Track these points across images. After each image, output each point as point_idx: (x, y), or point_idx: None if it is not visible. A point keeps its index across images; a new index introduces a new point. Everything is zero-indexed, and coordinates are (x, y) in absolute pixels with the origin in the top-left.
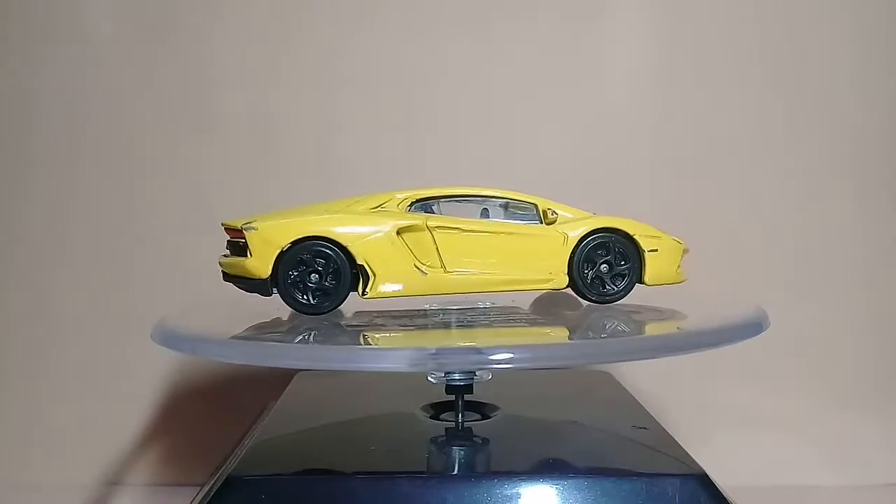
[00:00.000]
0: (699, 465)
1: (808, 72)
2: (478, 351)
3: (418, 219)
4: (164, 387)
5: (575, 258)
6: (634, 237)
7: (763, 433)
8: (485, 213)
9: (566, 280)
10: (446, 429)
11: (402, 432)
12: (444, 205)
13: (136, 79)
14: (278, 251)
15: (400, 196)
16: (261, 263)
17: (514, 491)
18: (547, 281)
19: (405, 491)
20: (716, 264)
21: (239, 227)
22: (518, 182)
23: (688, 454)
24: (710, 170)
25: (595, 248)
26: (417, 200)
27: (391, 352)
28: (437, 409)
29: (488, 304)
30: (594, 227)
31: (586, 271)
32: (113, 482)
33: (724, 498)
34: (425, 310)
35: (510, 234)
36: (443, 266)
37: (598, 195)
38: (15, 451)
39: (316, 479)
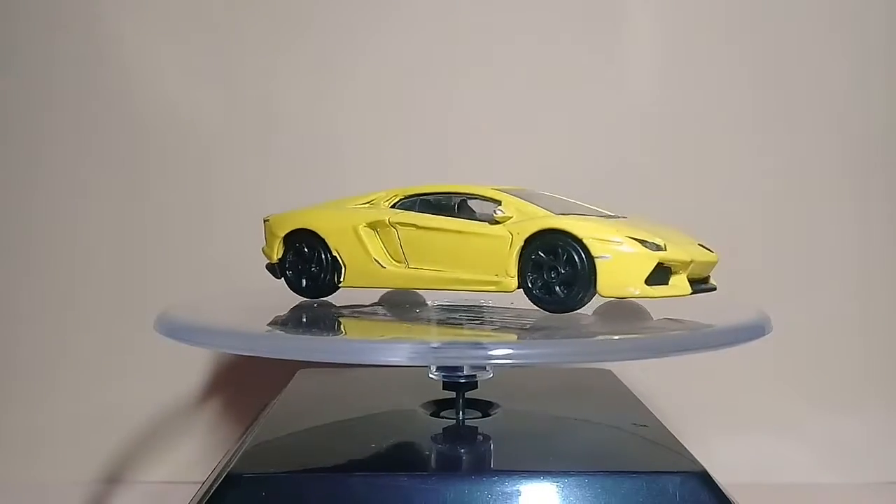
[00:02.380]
0: (700, 463)
1: (807, 74)
2: (479, 346)
3: (384, 215)
4: (164, 384)
5: (522, 261)
6: (583, 241)
7: (762, 431)
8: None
9: (515, 284)
10: (447, 426)
11: (402, 430)
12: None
13: (144, 76)
14: (279, 240)
15: (387, 193)
16: (270, 250)
17: (515, 488)
18: (494, 283)
19: (405, 489)
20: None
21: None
22: (518, 180)
23: (688, 451)
24: (708, 170)
25: (542, 250)
26: (406, 197)
27: (392, 345)
28: (437, 407)
29: (490, 304)
30: (541, 228)
31: (533, 275)
32: (113, 479)
33: (725, 495)
34: (427, 305)
35: (459, 232)
36: (406, 261)
37: (595, 195)
38: (14, 450)
39: (316, 476)
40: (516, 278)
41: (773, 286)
